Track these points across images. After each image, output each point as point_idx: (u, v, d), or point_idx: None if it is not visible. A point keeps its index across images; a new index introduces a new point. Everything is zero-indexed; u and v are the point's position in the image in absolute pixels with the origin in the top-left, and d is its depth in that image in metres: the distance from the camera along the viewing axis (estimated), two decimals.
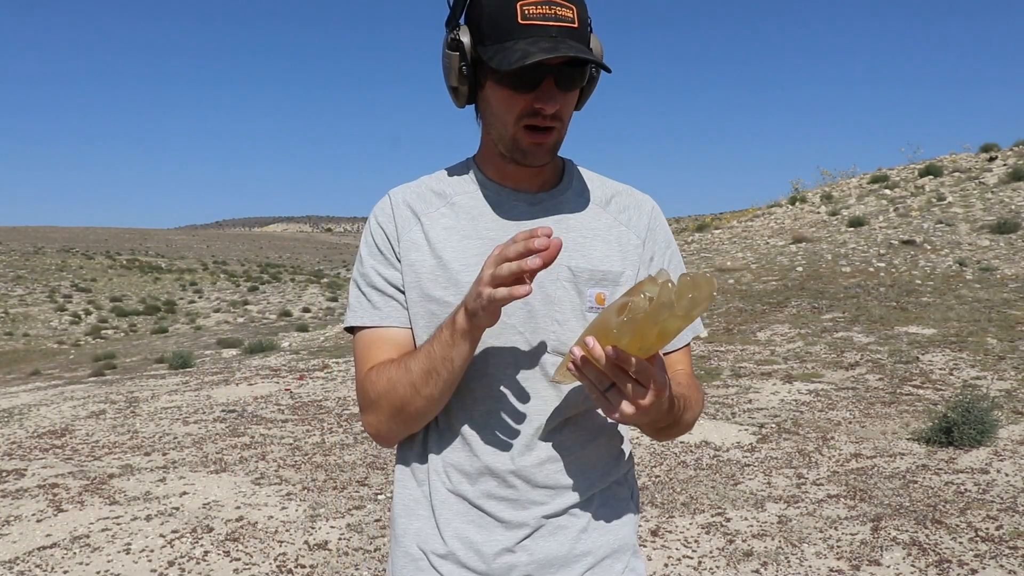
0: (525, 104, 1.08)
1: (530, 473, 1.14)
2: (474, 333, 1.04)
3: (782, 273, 12.24)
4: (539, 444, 1.15)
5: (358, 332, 1.20)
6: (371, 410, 1.15)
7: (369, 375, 1.14)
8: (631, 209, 1.26)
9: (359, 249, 1.23)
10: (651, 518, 4.04)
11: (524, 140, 1.11)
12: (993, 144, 18.89)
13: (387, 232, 1.19)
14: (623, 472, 1.24)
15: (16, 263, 55.80)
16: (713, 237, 17.59)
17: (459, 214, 1.19)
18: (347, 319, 1.22)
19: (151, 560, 3.71)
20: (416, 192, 1.22)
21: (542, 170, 1.20)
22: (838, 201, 17.83)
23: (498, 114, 1.12)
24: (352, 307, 1.21)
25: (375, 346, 1.17)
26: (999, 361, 6.97)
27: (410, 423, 1.14)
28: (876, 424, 5.55)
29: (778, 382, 6.85)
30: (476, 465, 1.14)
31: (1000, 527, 3.74)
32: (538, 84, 1.07)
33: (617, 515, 1.21)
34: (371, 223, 1.22)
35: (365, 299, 1.19)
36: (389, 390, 1.11)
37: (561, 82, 1.08)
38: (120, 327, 35.89)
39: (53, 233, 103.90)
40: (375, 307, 1.18)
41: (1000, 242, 12.49)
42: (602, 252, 1.19)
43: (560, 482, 1.15)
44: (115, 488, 4.80)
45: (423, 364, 1.08)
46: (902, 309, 9.30)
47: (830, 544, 3.65)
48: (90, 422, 6.88)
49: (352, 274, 1.24)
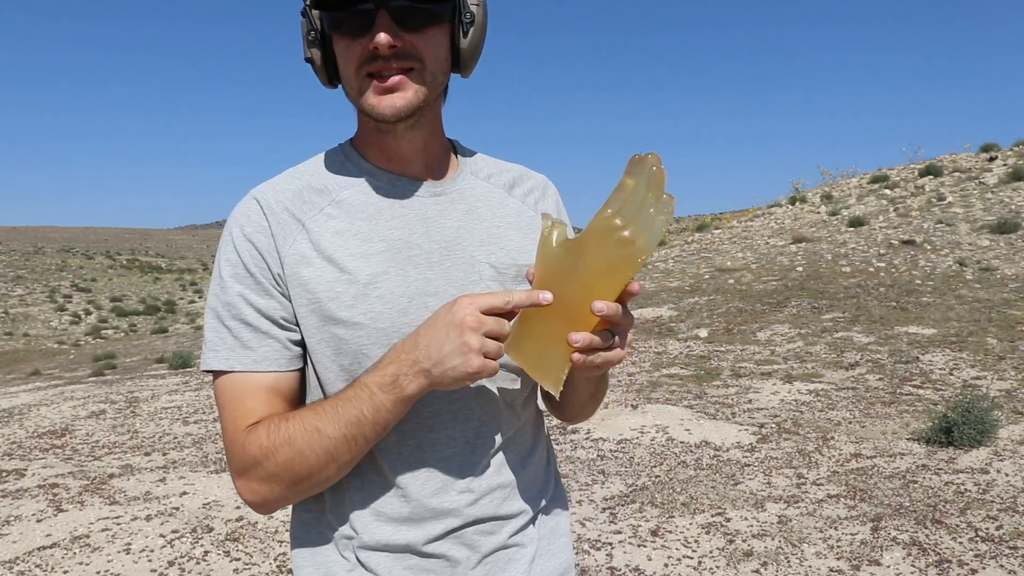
0: (363, 48, 0.93)
1: (475, 506, 1.00)
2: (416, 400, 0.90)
3: (782, 273, 12.24)
4: (480, 474, 1.01)
5: (222, 377, 0.96)
6: (256, 478, 0.93)
7: (251, 437, 0.92)
8: (536, 192, 1.13)
9: (216, 269, 0.98)
10: (651, 518, 4.04)
11: (370, 91, 0.95)
12: (993, 144, 18.90)
13: (260, 248, 0.96)
14: (553, 485, 1.15)
15: (16, 263, 55.79)
16: (713, 237, 17.58)
17: (351, 214, 0.99)
18: (206, 360, 0.97)
19: (151, 560, 3.71)
20: (291, 191, 1.00)
21: (428, 146, 1.03)
22: (838, 201, 17.83)
23: (343, 70, 0.97)
24: (212, 345, 0.96)
25: (250, 396, 0.95)
26: (999, 361, 6.97)
27: (311, 491, 0.95)
28: (876, 424, 5.55)
29: (778, 382, 6.85)
30: (413, 508, 0.98)
31: (1000, 527, 3.74)
32: (370, 23, 0.92)
33: (559, 536, 1.13)
34: (234, 237, 0.97)
35: (230, 335, 0.95)
36: (293, 458, 0.90)
37: (400, 17, 0.92)
38: (120, 327, 35.89)
39: (53, 233, 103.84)
40: (245, 346, 0.95)
41: (1000, 242, 12.49)
42: (519, 243, 1.06)
43: (505, 511, 1.03)
44: (115, 488, 4.80)
45: (346, 429, 0.88)
46: (902, 309, 9.30)
47: (830, 544, 3.65)
48: (90, 422, 6.88)
49: (208, 301, 0.99)
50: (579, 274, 0.85)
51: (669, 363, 7.81)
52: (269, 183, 1.01)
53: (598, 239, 0.84)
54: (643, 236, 0.83)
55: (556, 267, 0.87)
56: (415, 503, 0.98)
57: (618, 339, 0.89)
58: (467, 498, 1.00)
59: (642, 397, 6.51)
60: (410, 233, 1.00)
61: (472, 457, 1.00)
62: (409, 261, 0.98)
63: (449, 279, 1.00)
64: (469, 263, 1.01)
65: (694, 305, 10.71)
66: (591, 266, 0.85)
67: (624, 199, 0.84)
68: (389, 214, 1.00)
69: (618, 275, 0.85)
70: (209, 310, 0.98)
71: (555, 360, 0.88)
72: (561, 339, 0.86)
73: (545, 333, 0.88)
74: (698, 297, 11.23)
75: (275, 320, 0.96)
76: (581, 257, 0.85)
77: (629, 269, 0.84)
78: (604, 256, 0.84)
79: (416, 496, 0.98)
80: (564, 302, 0.86)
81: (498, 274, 1.02)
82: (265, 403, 0.95)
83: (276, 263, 0.96)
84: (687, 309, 10.49)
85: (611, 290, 0.85)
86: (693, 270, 13.60)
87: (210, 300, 0.98)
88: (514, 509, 1.04)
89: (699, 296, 11.28)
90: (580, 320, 0.86)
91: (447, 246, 1.01)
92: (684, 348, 8.46)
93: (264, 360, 0.95)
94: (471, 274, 1.01)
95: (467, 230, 1.03)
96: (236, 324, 0.95)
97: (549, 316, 0.87)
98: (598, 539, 3.81)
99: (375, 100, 0.94)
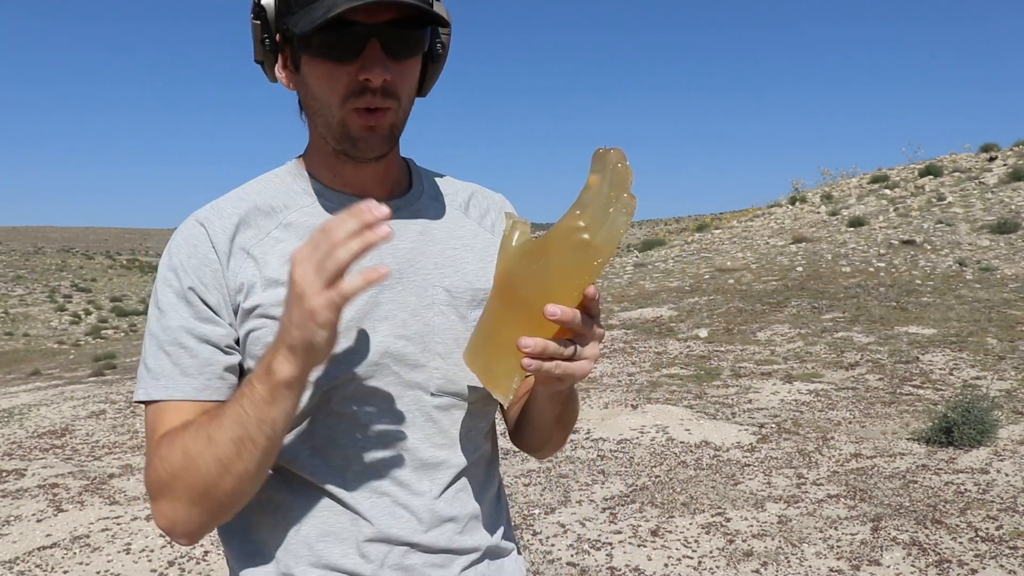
0: (350, 79, 0.88)
1: (426, 535, 0.95)
2: (302, 378, 0.81)
3: (782, 273, 12.24)
4: (431, 504, 0.95)
5: (155, 409, 0.91)
6: (162, 495, 0.86)
7: (159, 449, 0.86)
8: (492, 212, 1.08)
9: (155, 295, 0.93)
10: (651, 518, 4.04)
11: (354, 125, 0.90)
12: (993, 144, 18.90)
13: (203, 277, 0.91)
14: (505, 519, 1.09)
15: (16, 263, 55.80)
16: (713, 237, 17.59)
17: (300, 236, 0.93)
18: (142, 389, 0.91)
19: (151, 560, 3.71)
20: (238, 214, 0.94)
21: (388, 169, 1.00)
22: (838, 201, 17.83)
23: (320, 96, 0.90)
24: (153, 372, 0.91)
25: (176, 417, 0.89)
26: (999, 361, 6.97)
27: (218, 511, 0.86)
28: (876, 424, 5.55)
29: (778, 382, 6.85)
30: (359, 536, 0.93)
31: (1000, 527, 3.74)
32: (361, 50, 0.86)
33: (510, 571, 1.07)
34: (178, 262, 0.92)
35: (168, 362, 0.90)
36: (186, 467, 0.83)
37: (390, 46, 0.87)
38: (120, 327, 35.90)
39: (53, 233, 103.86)
40: (184, 373, 0.89)
41: (1000, 242, 12.50)
42: (475, 266, 1.01)
43: (457, 545, 0.98)
44: (115, 488, 4.80)
45: (231, 431, 0.81)
46: (902, 309, 9.30)
47: (830, 544, 3.65)
48: (90, 422, 6.88)
49: (147, 329, 0.93)
50: (538, 277, 0.80)
51: (669, 363, 7.81)
52: (214, 206, 0.96)
53: (559, 240, 0.80)
54: (600, 236, 0.78)
55: (516, 269, 0.82)
56: (362, 526, 0.93)
57: (581, 350, 0.83)
58: (416, 526, 0.94)
59: (642, 397, 6.51)
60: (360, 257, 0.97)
61: (421, 485, 0.95)
62: None
63: (400, 303, 0.95)
64: (422, 286, 0.96)
65: (694, 305, 10.71)
66: (550, 268, 0.80)
67: (589, 199, 0.79)
68: None
69: (576, 279, 0.80)
70: (149, 335, 0.92)
71: (507, 367, 0.83)
72: (515, 347, 0.80)
73: (499, 340, 0.83)
74: (698, 297, 11.23)
75: (218, 346, 0.90)
76: (540, 259, 0.80)
77: (587, 273, 0.79)
78: (563, 258, 0.79)
79: (364, 518, 0.93)
80: (522, 306, 0.81)
81: (452, 298, 0.97)
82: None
83: (222, 289, 0.91)
84: (687, 309, 10.49)
85: (570, 294, 0.80)
86: (693, 270, 13.61)
87: (150, 325, 0.92)
88: (467, 544, 0.98)
89: (699, 296, 11.29)
90: (539, 327, 0.80)
91: (399, 269, 0.95)
92: (684, 348, 8.46)
93: (206, 389, 0.90)
94: (423, 298, 0.96)
95: (420, 252, 0.98)
96: (176, 350, 0.90)
97: (507, 321, 0.82)
98: (598, 539, 3.81)
99: (359, 134, 0.91)
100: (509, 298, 0.82)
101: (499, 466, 1.11)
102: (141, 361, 0.93)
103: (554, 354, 0.81)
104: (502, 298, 0.84)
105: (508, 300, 0.83)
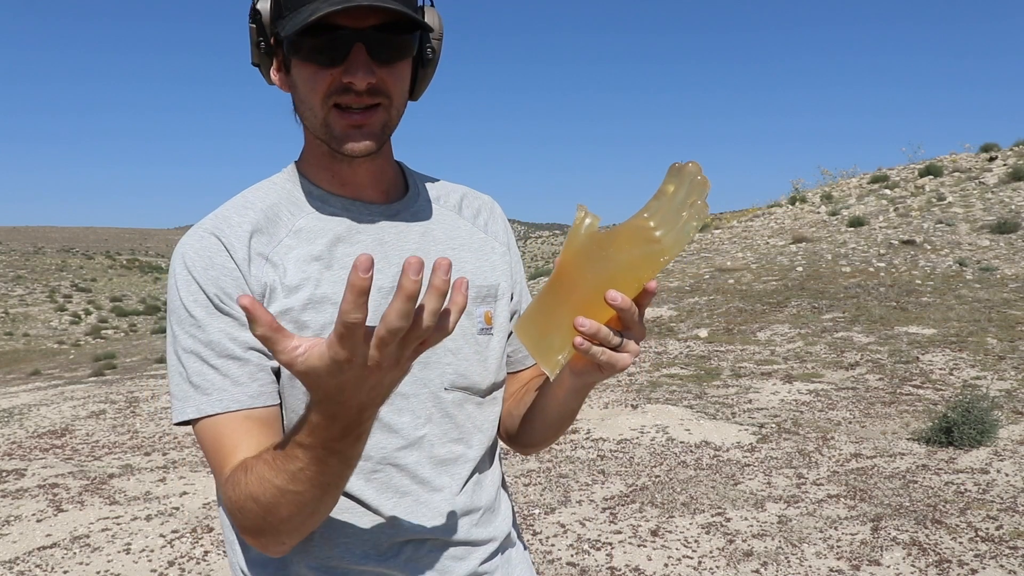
0: (332, 79, 0.90)
1: (446, 529, 0.99)
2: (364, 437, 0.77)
3: (782, 273, 12.24)
4: (451, 499, 1.00)
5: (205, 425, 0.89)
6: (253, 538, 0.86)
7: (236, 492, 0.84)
8: (484, 212, 1.12)
9: (181, 310, 0.91)
10: (651, 518, 4.05)
11: (336, 123, 0.92)
12: (993, 144, 18.89)
13: (225, 286, 0.91)
14: (511, 508, 1.13)
15: (16, 263, 55.81)
16: (713, 237, 17.59)
17: (310, 241, 0.96)
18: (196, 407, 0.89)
19: (151, 560, 3.71)
20: (249, 221, 0.95)
21: (383, 171, 1.02)
22: (838, 201, 17.83)
23: (305, 97, 0.93)
24: (201, 388, 0.89)
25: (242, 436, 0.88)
26: (999, 361, 6.97)
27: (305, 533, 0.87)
28: (876, 424, 5.55)
29: (778, 382, 6.85)
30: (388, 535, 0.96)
31: (1000, 527, 3.74)
32: (346, 55, 0.89)
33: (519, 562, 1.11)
34: (197, 275, 0.91)
35: (217, 375, 0.89)
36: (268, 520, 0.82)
37: (375, 51, 0.90)
38: (120, 327, 35.92)
39: (53, 233, 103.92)
40: (237, 383, 0.89)
41: (1000, 242, 12.50)
42: (474, 264, 1.05)
43: (476, 536, 1.02)
44: (115, 488, 4.80)
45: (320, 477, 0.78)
46: (902, 309, 9.30)
47: (830, 544, 3.65)
48: (90, 422, 6.88)
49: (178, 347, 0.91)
50: (601, 265, 0.85)
51: (669, 363, 7.81)
52: (221, 217, 0.96)
53: (629, 234, 0.84)
54: (670, 236, 0.83)
55: (582, 254, 0.86)
56: (385, 527, 0.96)
57: (628, 343, 0.85)
58: (438, 522, 0.98)
59: (642, 397, 6.51)
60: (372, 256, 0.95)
61: (440, 480, 0.99)
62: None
63: None
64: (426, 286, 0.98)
65: (694, 305, 10.71)
66: (614, 259, 0.84)
67: (661, 204, 0.84)
68: (347, 240, 0.98)
69: (639, 271, 0.84)
70: (185, 354, 0.90)
71: (558, 343, 0.87)
72: (570, 325, 0.85)
73: (555, 317, 0.87)
74: (698, 297, 11.23)
75: (262, 351, 0.90)
76: (608, 248, 0.85)
77: (651, 267, 0.84)
78: (629, 251, 0.84)
79: (386, 519, 0.96)
80: (581, 291, 0.85)
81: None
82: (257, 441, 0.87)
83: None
84: (687, 309, 10.49)
85: (630, 286, 0.84)
86: (693, 270, 13.61)
87: (184, 343, 0.91)
88: (483, 536, 1.03)
89: (699, 296, 11.29)
90: (594, 311, 0.85)
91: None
92: (684, 348, 8.46)
93: (260, 395, 0.90)
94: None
95: (424, 253, 1.01)
96: (224, 361, 0.89)
97: (565, 302, 0.86)
98: (598, 539, 3.81)
99: (342, 134, 0.93)
100: (572, 280, 0.85)
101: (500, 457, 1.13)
102: (180, 380, 0.91)
103: (604, 339, 0.83)
104: (564, 279, 0.86)
105: (570, 282, 0.86)
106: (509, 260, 1.11)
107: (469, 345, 1.00)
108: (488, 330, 1.03)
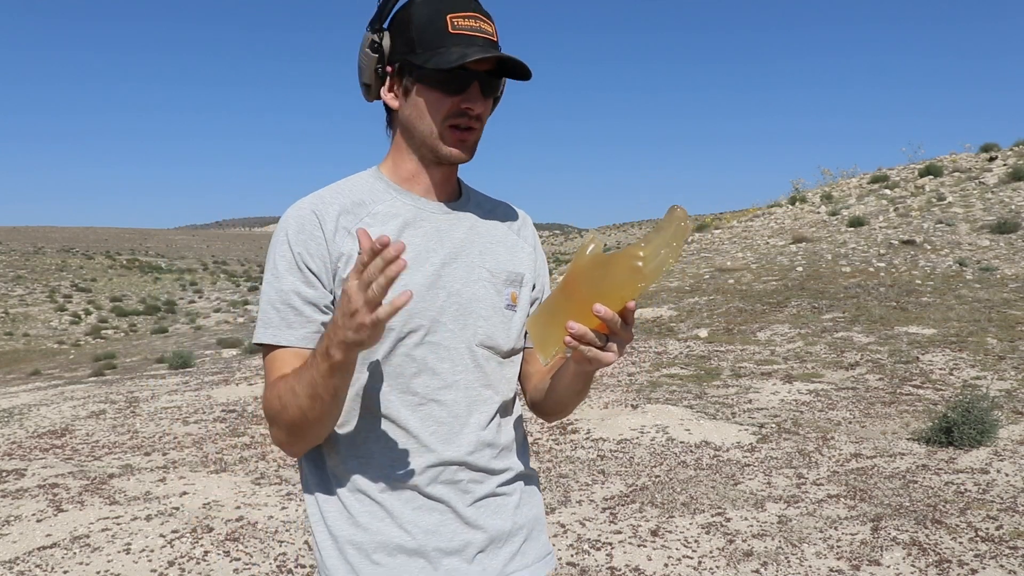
0: (452, 104, 1.20)
1: (472, 456, 1.25)
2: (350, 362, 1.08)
3: (782, 273, 12.24)
4: (478, 432, 1.26)
5: (270, 351, 1.21)
6: (272, 425, 1.20)
7: (268, 391, 1.18)
8: (518, 221, 1.42)
9: (272, 262, 1.22)
10: (651, 518, 4.04)
11: (449, 137, 1.22)
12: (993, 144, 18.89)
13: (310, 250, 1.20)
14: (528, 454, 1.41)
15: (16, 263, 55.82)
16: (713, 237, 17.59)
17: (384, 223, 1.24)
18: (258, 335, 1.22)
19: (151, 560, 3.71)
20: (339, 203, 1.24)
21: (450, 179, 1.31)
22: (838, 201, 17.83)
23: (426, 115, 1.22)
24: (265, 323, 1.21)
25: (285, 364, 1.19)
26: (999, 361, 6.97)
27: (306, 438, 1.19)
28: (876, 424, 5.55)
29: (778, 382, 6.85)
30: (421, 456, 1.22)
31: (1000, 527, 3.74)
32: (466, 87, 1.20)
33: (532, 493, 1.38)
34: (291, 237, 1.21)
35: (278, 316, 1.19)
36: (281, 410, 1.15)
37: (486, 88, 1.22)
38: (120, 327, 35.92)
39: (53, 233, 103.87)
40: (290, 327, 1.19)
41: (1000, 242, 12.50)
42: (506, 256, 1.34)
43: (495, 466, 1.29)
44: (115, 488, 4.80)
45: (308, 389, 1.11)
46: (902, 309, 9.30)
47: (830, 544, 3.65)
48: (90, 422, 6.88)
49: (264, 289, 1.23)
50: (597, 281, 1.06)
51: (669, 363, 7.81)
52: (319, 196, 1.24)
53: (621, 259, 1.05)
54: (650, 267, 1.05)
55: (583, 271, 1.08)
56: (423, 451, 1.22)
57: (612, 345, 1.09)
58: (467, 450, 1.24)
59: (642, 397, 6.51)
60: (427, 241, 1.25)
61: (471, 417, 1.25)
62: (426, 261, 1.24)
63: (455, 276, 1.26)
64: (470, 267, 1.28)
65: (694, 305, 10.72)
66: (607, 278, 1.06)
67: (651, 240, 1.06)
68: (413, 225, 1.25)
69: (623, 291, 1.05)
70: (265, 294, 1.22)
71: (555, 339, 1.10)
72: (564, 326, 1.07)
73: (555, 318, 1.09)
74: (698, 297, 11.23)
75: (318, 306, 1.19)
76: (603, 269, 1.06)
77: (632, 290, 1.05)
78: (620, 274, 1.05)
79: (425, 444, 1.22)
80: (579, 299, 1.07)
81: (492, 276, 1.29)
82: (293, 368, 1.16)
83: (328, 261, 1.19)
84: (687, 309, 10.49)
85: (615, 302, 1.06)
86: (693, 270, 13.61)
87: (265, 287, 1.22)
88: (500, 466, 1.29)
89: (699, 296, 11.29)
90: (586, 318, 1.06)
91: (454, 252, 1.27)
92: (684, 348, 8.46)
93: (303, 339, 1.19)
94: (471, 274, 1.27)
95: (470, 242, 1.29)
96: (284, 308, 1.19)
97: (565, 307, 1.09)
98: (598, 539, 3.81)
99: (453, 143, 1.23)
100: (572, 290, 1.08)
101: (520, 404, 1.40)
102: (260, 313, 1.23)
103: (590, 341, 1.07)
104: (567, 289, 1.10)
105: (570, 292, 1.09)
106: (535, 258, 1.39)
107: (497, 316, 1.28)
108: (512, 307, 1.30)
